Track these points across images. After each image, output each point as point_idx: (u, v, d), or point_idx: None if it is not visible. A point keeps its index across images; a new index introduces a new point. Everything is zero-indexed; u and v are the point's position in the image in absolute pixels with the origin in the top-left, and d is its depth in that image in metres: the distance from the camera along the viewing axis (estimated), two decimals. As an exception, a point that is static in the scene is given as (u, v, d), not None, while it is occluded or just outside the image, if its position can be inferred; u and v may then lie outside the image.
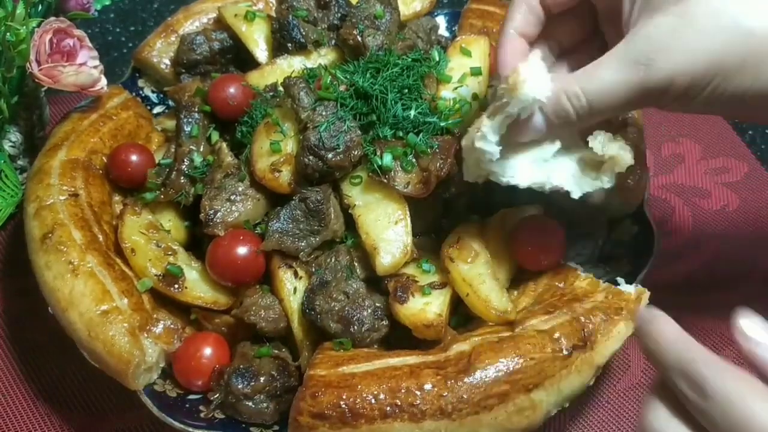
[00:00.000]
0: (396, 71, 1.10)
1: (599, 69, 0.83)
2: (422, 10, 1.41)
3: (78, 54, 1.18)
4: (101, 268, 1.03)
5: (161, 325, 1.02)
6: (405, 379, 0.89)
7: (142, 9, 1.73)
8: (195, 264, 1.09)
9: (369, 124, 1.08)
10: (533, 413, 0.89)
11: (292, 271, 1.04)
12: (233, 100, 1.18)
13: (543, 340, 0.91)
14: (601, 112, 0.85)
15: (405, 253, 1.01)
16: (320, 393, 0.89)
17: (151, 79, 1.37)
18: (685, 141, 1.43)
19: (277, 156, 1.08)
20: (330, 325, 0.99)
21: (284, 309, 1.03)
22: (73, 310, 1.00)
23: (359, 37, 1.18)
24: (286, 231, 1.04)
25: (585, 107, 0.84)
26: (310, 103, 1.09)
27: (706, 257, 1.26)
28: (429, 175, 1.02)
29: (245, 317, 1.02)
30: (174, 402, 0.99)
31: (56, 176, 1.12)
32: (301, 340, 1.02)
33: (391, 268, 1.00)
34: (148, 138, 1.27)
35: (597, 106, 0.84)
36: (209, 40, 1.31)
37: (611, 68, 0.82)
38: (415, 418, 0.87)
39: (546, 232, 1.06)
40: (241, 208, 1.08)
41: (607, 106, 0.84)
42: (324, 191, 1.05)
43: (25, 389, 1.14)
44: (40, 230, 1.06)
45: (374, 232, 1.02)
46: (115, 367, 0.97)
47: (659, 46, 0.78)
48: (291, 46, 1.24)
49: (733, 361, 0.61)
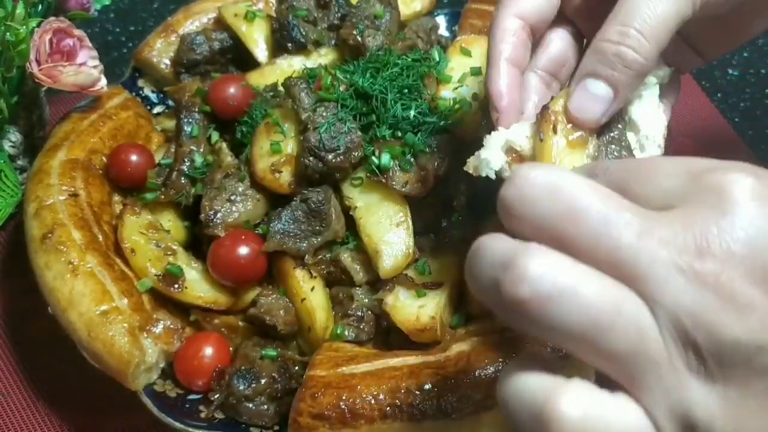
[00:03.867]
0: (396, 71, 1.10)
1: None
2: (422, 10, 1.40)
3: (78, 54, 1.18)
4: (101, 268, 1.03)
5: (161, 326, 1.02)
6: (405, 380, 0.89)
7: (142, 9, 1.73)
8: (195, 264, 1.09)
9: (368, 124, 1.08)
10: (533, 413, 0.89)
11: (307, 271, 1.04)
12: (233, 100, 1.18)
13: (543, 340, 0.91)
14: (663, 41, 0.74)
15: (407, 255, 1.01)
16: (320, 393, 0.89)
17: (151, 79, 1.37)
18: (685, 141, 1.43)
19: (277, 156, 1.08)
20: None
21: (304, 309, 1.03)
22: (72, 310, 1.00)
23: (359, 37, 1.18)
24: (287, 232, 1.04)
25: (648, 47, 0.73)
26: (310, 104, 1.09)
27: (706, 257, 1.26)
28: (427, 174, 1.02)
29: (266, 319, 1.02)
30: (174, 402, 0.99)
31: (56, 176, 1.12)
32: (320, 338, 1.03)
33: (394, 270, 1.00)
34: (147, 138, 1.27)
35: (658, 35, 0.73)
36: (209, 40, 1.31)
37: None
38: (414, 418, 0.87)
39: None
40: (241, 208, 1.08)
41: (667, 31, 0.73)
42: (325, 192, 1.05)
43: (25, 389, 1.14)
44: (39, 230, 1.06)
45: (376, 234, 1.02)
46: (115, 367, 0.97)
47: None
48: (291, 46, 1.24)
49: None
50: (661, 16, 0.72)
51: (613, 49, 0.73)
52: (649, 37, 0.72)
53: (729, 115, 1.47)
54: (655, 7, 0.72)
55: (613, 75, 0.74)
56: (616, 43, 0.73)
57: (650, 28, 0.72)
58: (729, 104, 1.49)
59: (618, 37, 0.73)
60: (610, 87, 0.74)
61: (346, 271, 1.05)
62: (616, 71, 0.73)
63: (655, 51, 0.73)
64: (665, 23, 0.72)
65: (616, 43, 0.73)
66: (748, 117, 1.47)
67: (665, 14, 0.72)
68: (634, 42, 0.72)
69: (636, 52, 0.72)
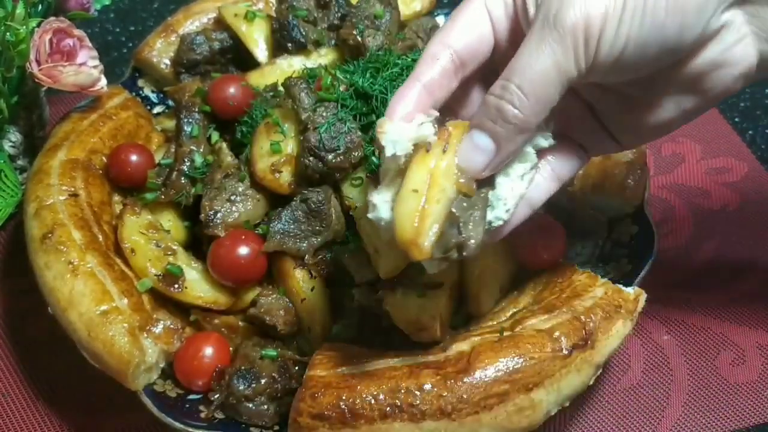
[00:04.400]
0: (396, 71, 1.10)
1: (523, 55, 0.72)
2: (422, 10, 1.41)
3: (78, 54, 1.18)
4: (101, 268, 1.03)
5: (161, 326, 1.02)
6: (404, 380, 0.89)
7: (142, 9, 1.73)
8: (195, 264, 1.09)
9: (368, 124, 1.08)
10: (533, 413, 0.89)
11: (306, 271, 1.04)
12: (233, 100, 1.18)
13: (543, 340, 0.91)
14: (546, 100, 0.73)
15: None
16: (320, 394, 0.89)
17: (151, 79, 1.37)
18: (685, 141, 1.43)
19: (277, 156, 1.08)
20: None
21: (304, 309, 1.03)
22: (72, 310, 1.00)
23: (359, 37, 1.18)
24: (287, 232, 1.04)
25: (527, 103, 0.72)
26: (310, 104, 1.09)
27: (706, 257, 1.26)
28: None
29: (266, 320, 1.02)
30: (174, 402, 0.99)
31: (56, 176, 1.12)
32: (320, 338, 1.03)
33: (393, 271, 1.00)
34: (147, 138, 1.27)
35: (538, 92, 0.72)
36: (209, 40, 1.32)
37: (531, 43, 0.71)
38: (414, 418, 0.87)
39: (547, 229, 1.06)
40: (241, 208, 1.08)
41: (548, 87, 0.72)
42: (325, 192, 1.05)
43: (25, 389, 1.14)
44: (39, 230, 1.06)
45: (376, 234, 1.02)
46: (115, 367, 0.97)
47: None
48: (291, 46, 1.24)
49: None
50: (540, 71, 0.70)
51: (494, 103, 0.73)
52: (528, 92, 0.71)
53: (729, 115, 1.48)
54: (535, 63, 0.70)
55: (495, 128, 0.73)
56: (498, 97, 0.73)
57: (529, 83, 0.71)
58: (729, 104, 1.49)
59: (500, 91, 0.73)
60: (492, 140, 0.74)
61: (346, 271, 1.05)
62: (497, 125, 0.73)
63: (537, 107, 0.72)
64: (544, 79, 0.71)
65: (498, 96, 0.73)
66: (748, 117, 1.48)
67: (544, 70, 0.70)
68: (513, 97, 0.72)
69: (515, 107, 0.72)
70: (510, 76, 0.72)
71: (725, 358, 1.13)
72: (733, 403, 1.09)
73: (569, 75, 0.71)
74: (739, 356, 1.13)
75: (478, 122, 0.75)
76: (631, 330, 0.96)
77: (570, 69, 0.71)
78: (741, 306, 1.19)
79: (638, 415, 1.09)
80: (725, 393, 1.10)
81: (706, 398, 1.10)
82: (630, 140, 0.87)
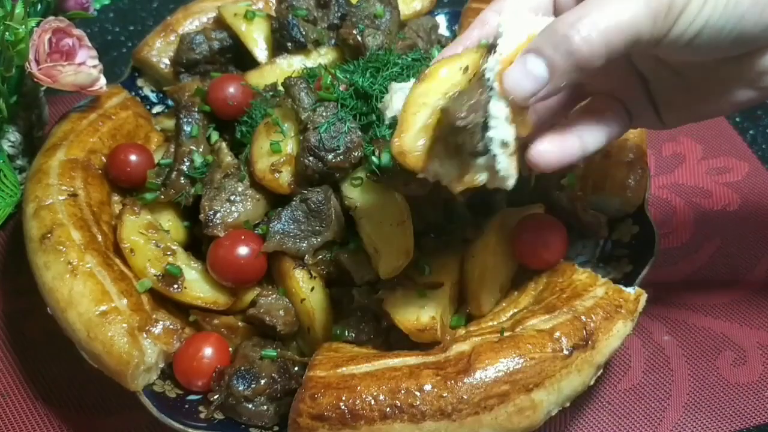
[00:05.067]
0: (396, 71, 1.10)
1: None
2: (422, 10, 1.41)
3: (77, 53, 1.18)
4: (100, 269, 1.03)
5: (160, 326, 1.02)
6: (405, 380, 0.89)
7: (142, 8, 1.73)
8: (194, 264, 1.08)
9: (368, 124, 1.08)
10: (534, 413, 0.89)
11: (306, 271, 1.04)
12: (233, 100, 1.18)
13: (543, 340, 0.91)
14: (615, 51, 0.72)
15: (407, 255, 1.01)
16: (319, 394, 0.89)
17: (150, 78, 1.37)
18: (685, 140, 1.43)
19: (277, 156, 1.08)
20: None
21: (303, 310, 1.03)
22: (72, 311, 0.99)
23: (359, 36, 1.18)
24: (287, 232, 1.04)
25: (596, 42, 0.70)
26: (310, 104, 1.08)
27: (707, 257, 1.26)
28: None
29: (265, 320, 1.02)
30: (173, 402, 0.99)
31: (55, 176, 1.12)
32: (320, 339, 1.03)
33: (394, 270, 1.00)
34: (147, 138, 1.27)
35: (610, 36, 0.70)
36: (209, 40, 1.31)
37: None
38: (414, 419, 0.87)
39: (548, 229, 1.06)
40: (241, 208, 1.08)
41: (620, 36, 0.71)
42: (325, 192, 1.05)
43: (24, 389, 1.14)
44: (38, 230, 1.06)
45: (376, 234, 1.02)
46: (115, 367, 0.97)
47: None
48: (291, 46, 1.24)
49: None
50: (618, 20, 0.69)
51: (563, 30, 0.70)
52: (602, 31, 0.69)
53: (729, 114, 1.47)
54: (618, 10, 0.69)
55: (554, 56, 0.71)
56: (569, 25, 0.70)
57: (605, 25, 0.69)
58: (729, 104, 1.49)
59: (573, 18, 0.70)
60: (548, 68, 0.71)
61: (346, 271, 1.05)
62: (558, 52, 0.70)
63: (602, 50, 0.70)
64: (619, 28, 0.69)
65: (569, 25, 0.70)
66: (748, 117, 1.47)
67: (622, 21, 0.69)
68: (584, 30, 0.69)
69: (583, 40, 0.69)
70: (590, 11, 0.70)
71: (726, 359, 1.13)
72: (734, 403, 1.09)
73: (640, 36, 0.70)
74: (740, 356, 1.13)
75: (538, 47, 0.72)
76: (632, 330, 0.96)
77: (645, 30, 0.70)
78: (742, 306, 1.19)
79: (639, 415, 1.09)
80: (726, 393, 1.10)
81: (707, 399, 1.10)
82: (673, 120, 0.87)
